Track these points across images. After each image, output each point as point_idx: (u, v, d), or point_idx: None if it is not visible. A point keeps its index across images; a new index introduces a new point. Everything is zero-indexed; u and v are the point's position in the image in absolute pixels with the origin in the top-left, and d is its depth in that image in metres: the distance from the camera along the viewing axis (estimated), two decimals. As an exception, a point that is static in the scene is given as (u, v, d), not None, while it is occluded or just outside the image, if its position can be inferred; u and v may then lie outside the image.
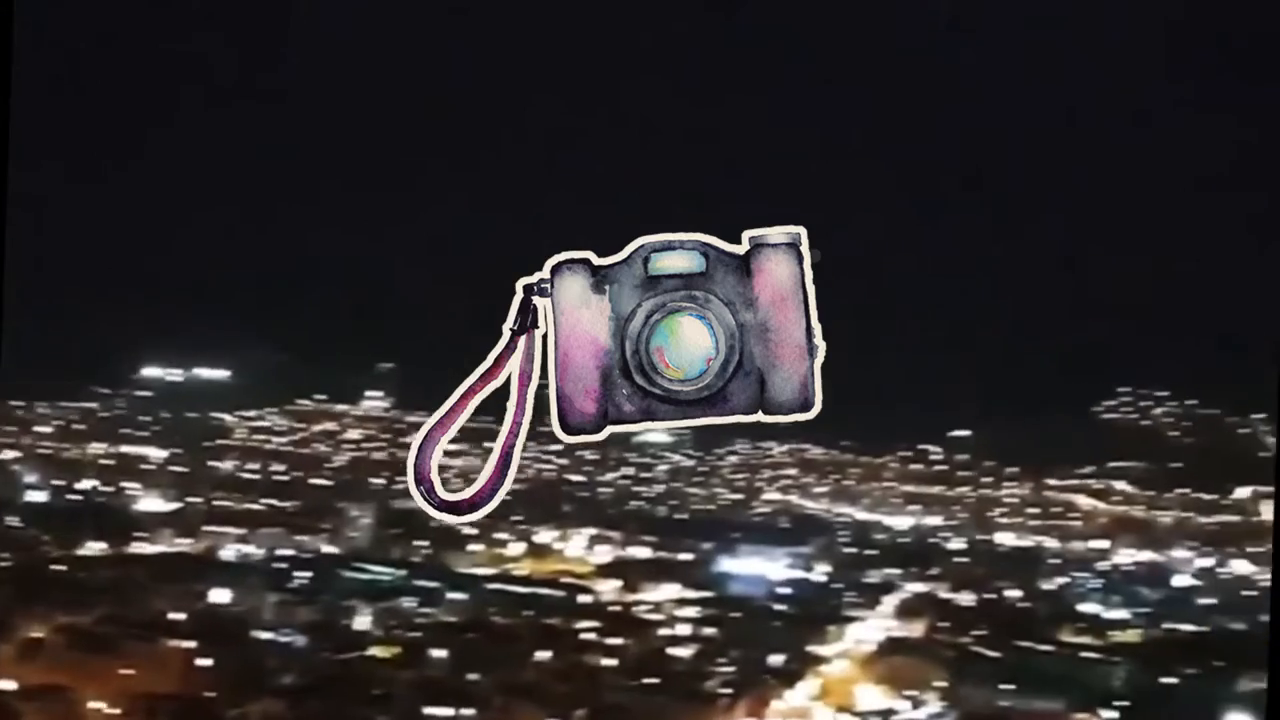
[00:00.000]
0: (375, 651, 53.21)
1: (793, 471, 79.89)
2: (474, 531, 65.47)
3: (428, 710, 45.81)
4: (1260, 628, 64.20)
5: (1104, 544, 72.80)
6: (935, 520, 76.24)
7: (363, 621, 55.87)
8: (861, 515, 76.21)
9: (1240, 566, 74.37)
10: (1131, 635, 64.53)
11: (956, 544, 72.06)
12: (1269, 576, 66.23)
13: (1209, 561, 74.20)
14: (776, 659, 55.35)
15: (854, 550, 70.34)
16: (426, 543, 63.48)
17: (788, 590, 66.94)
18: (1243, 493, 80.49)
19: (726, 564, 66.90)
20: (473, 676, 49.40)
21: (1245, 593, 73.08)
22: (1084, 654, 60.31)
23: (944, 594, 64.94)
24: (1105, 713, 54.89)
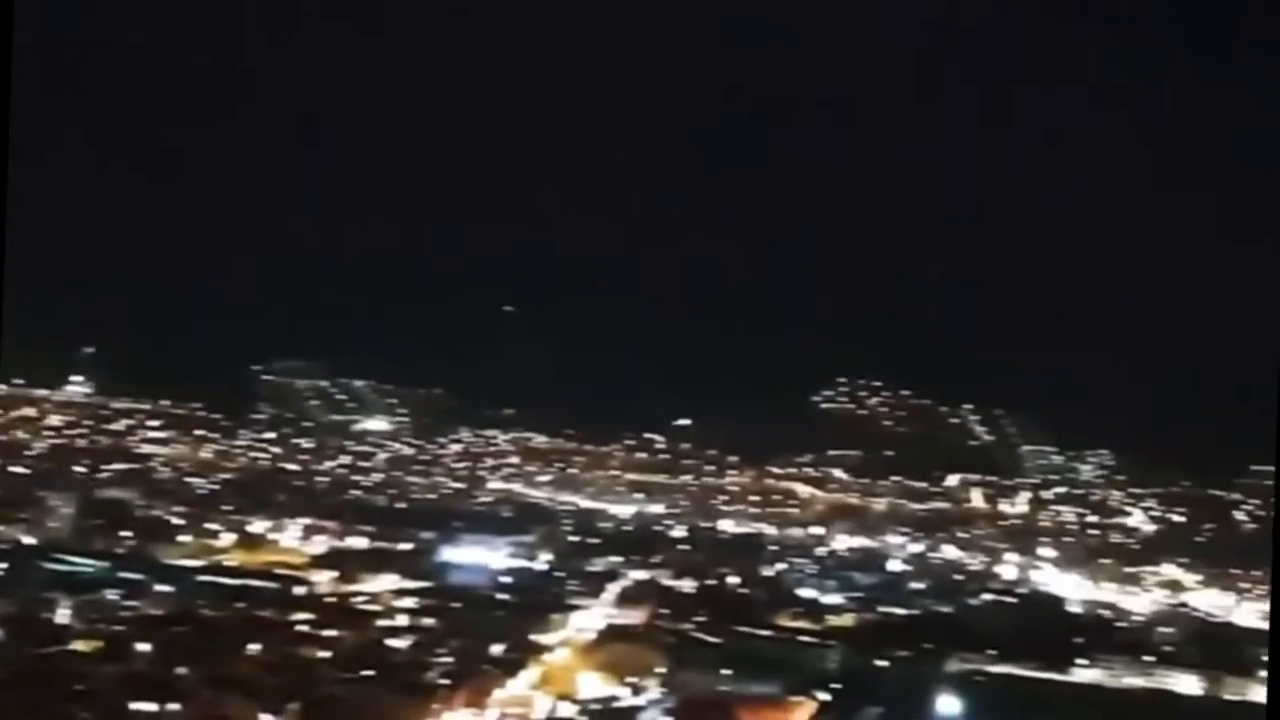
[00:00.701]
0: (77, 645, 50.89)
1: (516, 460, 79.45)
2: (182, 522, 62.95)
3: (133, 706, 44.08)
4: (968, 610, 65.70)
5: (821, 530, 74.11)
6: (658, 508, 76.82)
7: (63, 615, 53.24)
8: (585, 503, 76.26)
9: (950, 552, 76.42)
10: (846, 619, 65.76)
11: (679, 531, 72.62)
12: (978, 561, 67.58)
13: (920, 547, 76.17)
14: (498, 649, 54.67)
15: (577, 539, 70.25)
16: (131, 533, 60.79)
17: (510, 579, 66.40)
18: (952, 480, 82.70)
19: (448, 554, 65.91)
20: (180, 670, 47.68)
21: (955, 577, 75.13)
22: (801, 638, 61.05)
23: (666, 581, 65.32)
24: (821, 694, 55.66)
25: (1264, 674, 54.61)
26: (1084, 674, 58.66)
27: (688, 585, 61.83)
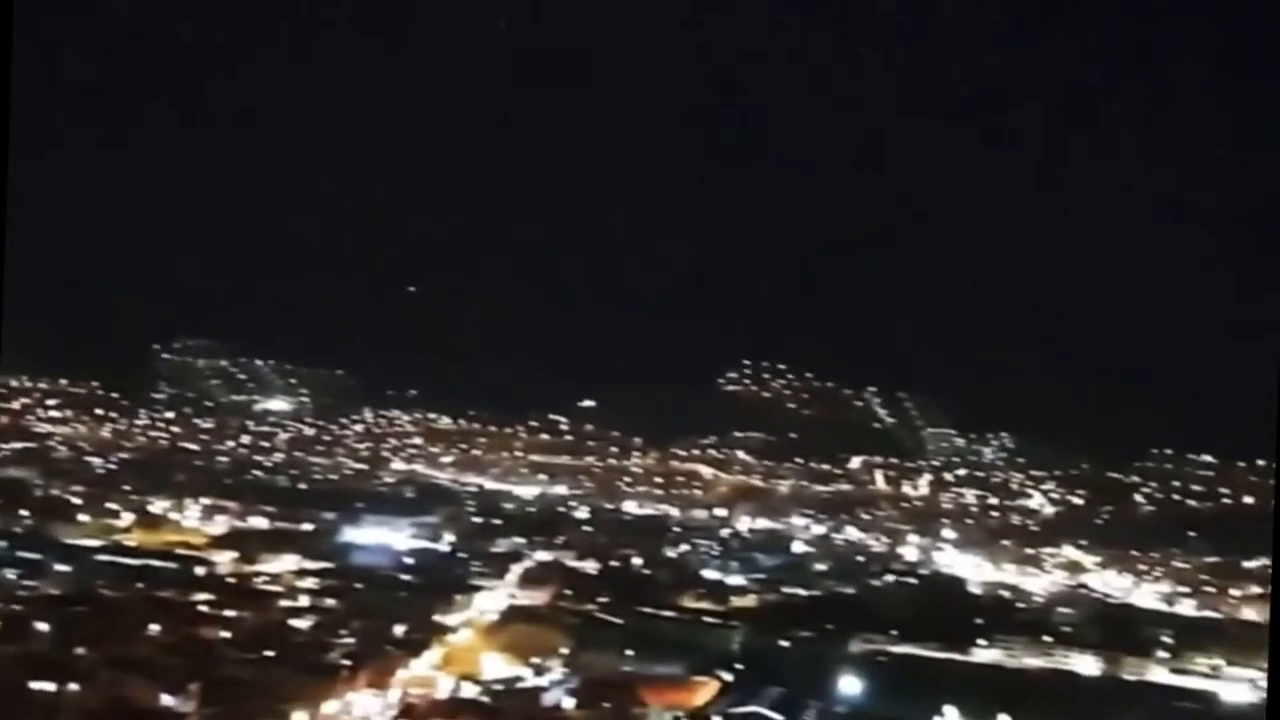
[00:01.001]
0: (-28, 625, 49.87)
1: (419, 441, 79.42)
2: (81, 502, 62.28)
3: (31, 685, 43.60)
4: (871, 591, 66.32)
5: (725, 512, 74.62)
6: (562, 489, 77.12)
7: (-40, 594, 52.12)
8: (489, 485, 76.30)
9: (853, 533, 77.10)
10: (749, 600, 66.21)
11: (583, 513, 72.85)
12: (880, 542, 68.19)
13: (823, 529, 76.83)
14: (400, 629, 54.52)
15: (480, 520, 70.22)
16: (29, 513, 60.08)
17: (413, 560, 66.22)
18: (855, 463, 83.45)
19: (350, 534, 65.55)
20: (79, 651, 47.23)
21: (857, 558, 75.80)
22: (704, 619, 61.35)
23: (570, 562, 65.45)
24: (723, 675, 55.96)
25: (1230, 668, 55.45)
26: (984, 654, 59.35)
27: (591, 566, 61.99)
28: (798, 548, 67.90)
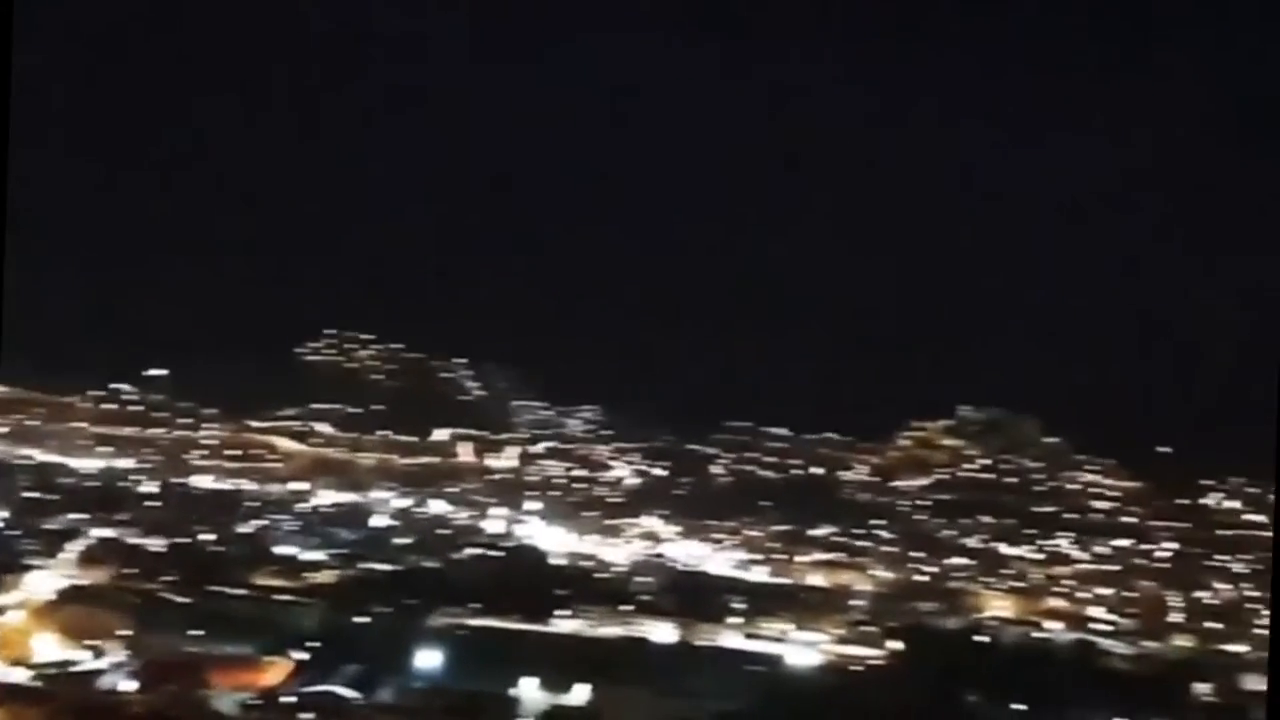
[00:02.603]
0: None
1: (-36, 410, 73.16)
2: None
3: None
4: (453, 565, 65.99)
5: (304, 486, 73.35)
6: (127, 463, 74.30)
7: None
8: (45, 457, 73.02)
9: (437, 506, 76.82)
10: (327, 576, 65.26)
11: (149, 487, 70.34)
12: (465, 515, 68.16)
13: (407, 502, 76.33)
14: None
15: (35, 495, 67.19)
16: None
17: (-41, 539, 61.77)
18: (442, 435, 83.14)
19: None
20: None
21: (440, 531, 75.65)
22: (277, 596, 60.18)
23: (133, 539, 63.07)
24: (297, 653, 54.97)
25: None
26: (564, 625, 60.21)
27: (157, 544, 60.03)
28: (379, 521, 67.39)
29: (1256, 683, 58.07)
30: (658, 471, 72.97)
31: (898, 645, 60.38)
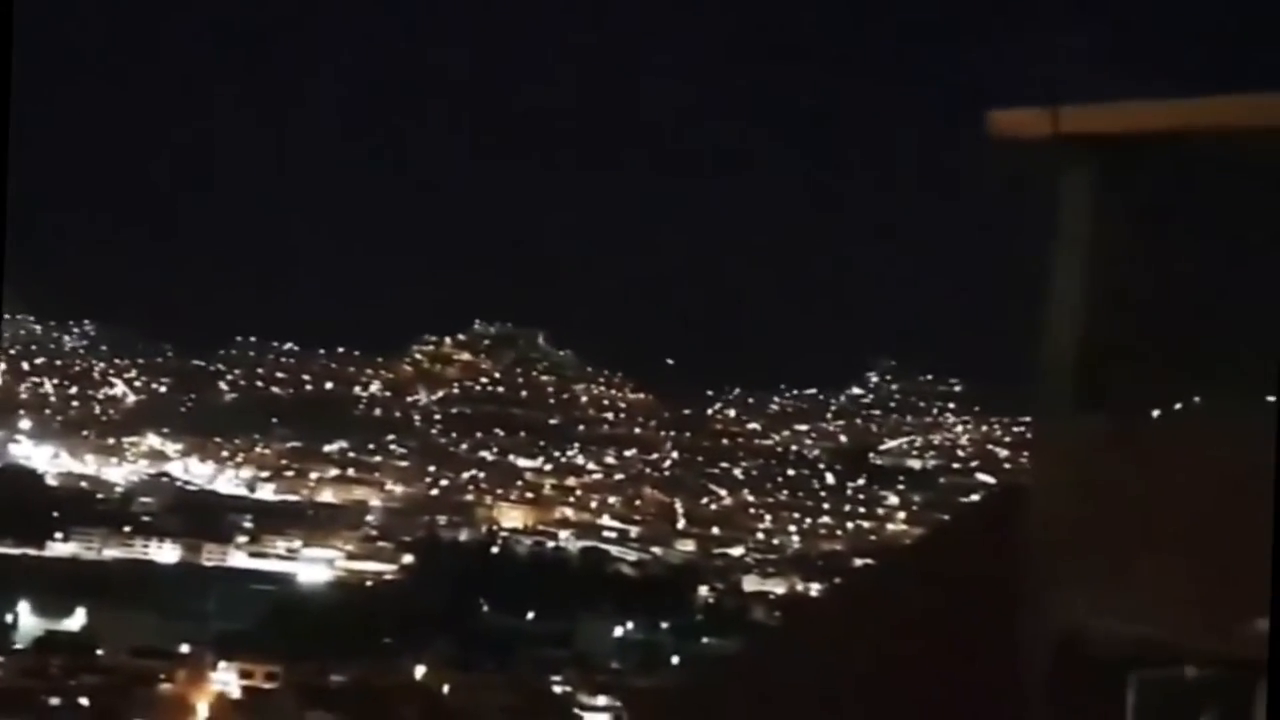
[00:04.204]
0: None
1: None
2: None
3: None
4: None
5: None
6: None
7: None
8: None
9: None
10: None
11: None
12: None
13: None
14: None
15: None
16: None
17: None
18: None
19: None
20: None
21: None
22: None
23: None
24: None
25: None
26: (61, 548, 58.10)
27: None
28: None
29: (753, 584, 61.50)
30: (159, 388, 70.80)
31: (410, 559, 60.85)
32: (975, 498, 56.74)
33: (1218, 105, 6.70)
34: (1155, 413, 7.04)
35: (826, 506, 65.85)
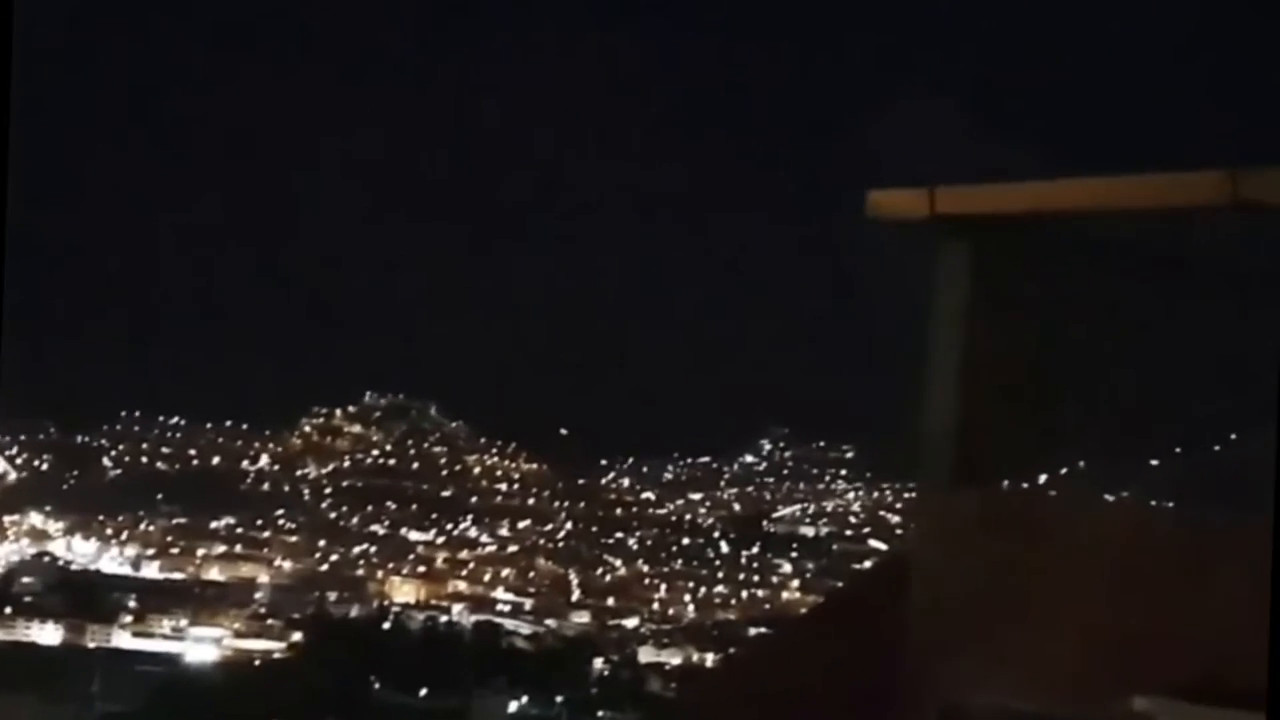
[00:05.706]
0: None
1: None
2: None
3: None
4: None
5: None
6: None
7: None
8: None
9: None
10: None
11: None
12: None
13: None
14: None
15: None
16: None
17: None
18: None
19: None
20: None
21: None
22: None
23: None
24: None
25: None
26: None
27: None
28: None
29: (649, 655, 61.41)
30: (41, 466, 69.80)
31: (300, 636, 60.16)
32: (867, 564, 57.26)
33: (1071, 187, 6.95)
34: (1024, 485, 7.25)
35: (721, 575, 65.97)
